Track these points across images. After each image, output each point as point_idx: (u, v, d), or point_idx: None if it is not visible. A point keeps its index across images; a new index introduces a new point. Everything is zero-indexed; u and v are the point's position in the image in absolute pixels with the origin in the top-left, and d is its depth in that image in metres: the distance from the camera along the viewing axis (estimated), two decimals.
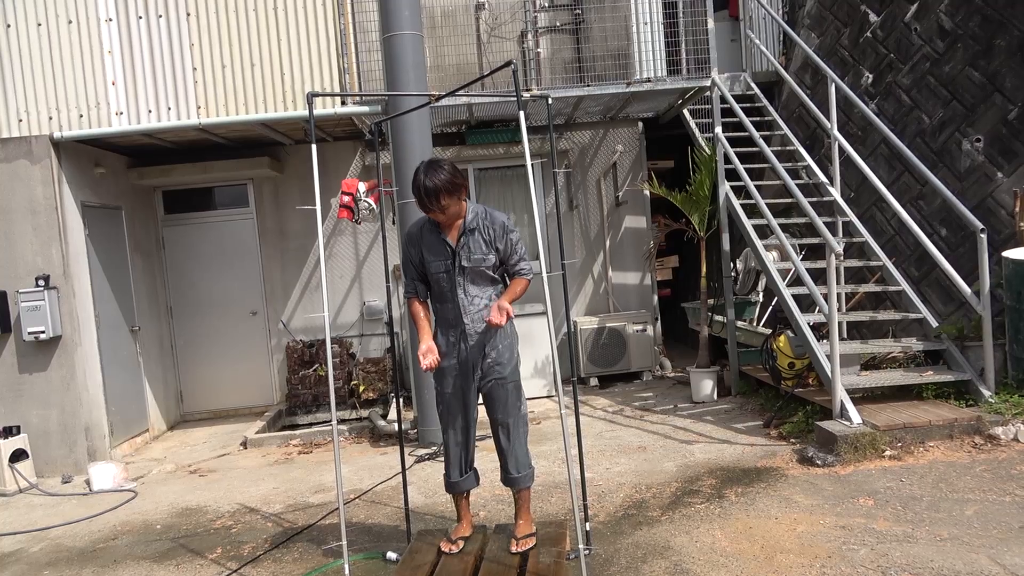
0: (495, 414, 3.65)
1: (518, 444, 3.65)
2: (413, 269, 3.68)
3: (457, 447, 3.68)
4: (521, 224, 8.77)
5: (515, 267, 3.63)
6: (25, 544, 4.93)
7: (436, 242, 3.58)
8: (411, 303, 3.71)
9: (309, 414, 8.02)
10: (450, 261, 3.56)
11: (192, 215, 8.46)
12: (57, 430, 6.54)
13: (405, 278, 3.72)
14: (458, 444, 3.68)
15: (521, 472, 3.66)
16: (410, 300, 3.71)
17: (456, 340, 3.59)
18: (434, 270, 3.59)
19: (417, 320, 3.66)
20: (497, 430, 3.67)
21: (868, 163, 6.57)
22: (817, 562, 3.51)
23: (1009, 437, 4.86)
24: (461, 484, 3.74)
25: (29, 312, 6.34)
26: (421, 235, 3.63)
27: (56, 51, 6.61)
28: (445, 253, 3.56)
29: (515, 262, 3.62)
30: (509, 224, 3.61)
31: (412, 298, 3.70)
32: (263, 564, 4.19)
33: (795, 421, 5.61)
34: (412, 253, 3.65)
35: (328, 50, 6.81)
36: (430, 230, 3.61)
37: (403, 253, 3.75)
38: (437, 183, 3.39)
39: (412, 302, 3.70)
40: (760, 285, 7.66)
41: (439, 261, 3.57)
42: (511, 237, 3.58)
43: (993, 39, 6.05)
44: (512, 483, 3.70)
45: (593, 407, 7.18)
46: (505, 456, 3.67)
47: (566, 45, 8.36)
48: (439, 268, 3.57)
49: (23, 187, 6.49)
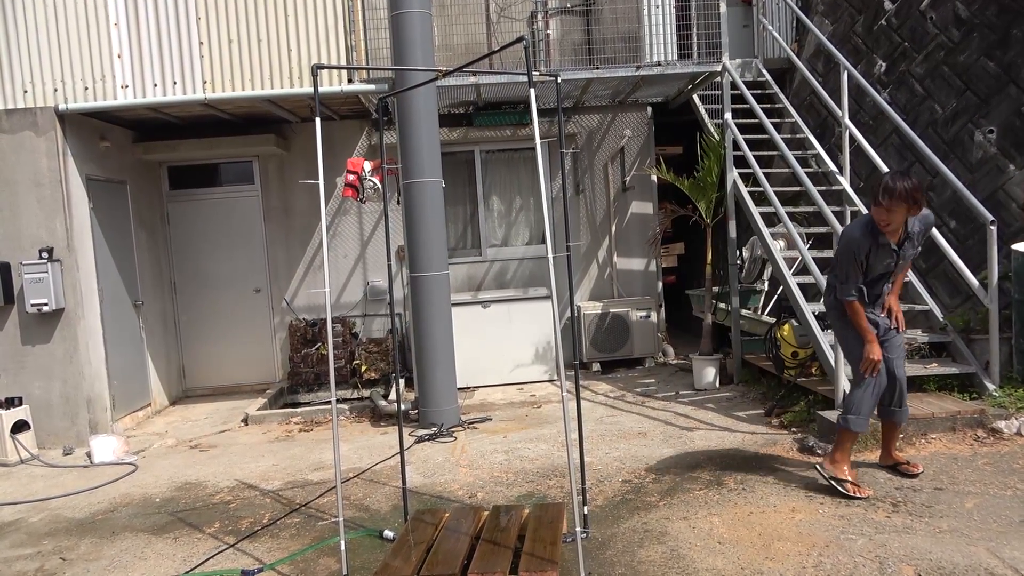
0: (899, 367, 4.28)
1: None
2: (857, 274, 4.08)
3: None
4: (527, 207, 8.73)
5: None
6: (25, 514, 4.96)
7: (883, 246, 4.02)
8: (855, 305, 4.11)
9: (311, 392, 8.04)
10: (892, 262, 4.08)
11: (197, 191, 8.44)
12: (59, 402, 6.56)
13: (848, 283, 4.09)
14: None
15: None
16: (854, 303, 4.11)
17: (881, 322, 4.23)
18: (878, 271, 4.09)
19: (866, 322, 4.13)
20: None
21: (879, 153, 6.50)
22: (815, 551, 3.50)
23: (1012, 431, 4.83)
24: (862, 425, 4.22)
25: (32, 284, 6.35)
26: (870, 241, 4.02)
27: (62, 22, 6.56)
28: (890, 255, 4.06)
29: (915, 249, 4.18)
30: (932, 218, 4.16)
31: (856, 301, 4.11)
32: (260, 539, 4.21)
33: (797, 410, 5.59)
34: (860, 259, 4.04)
35: (336, 27, 6.75)
36: (875, 235, 4.01)
37: (848, 259, 4.06)
38: (901, 188, 3.84)
39: (856, 304, 4.11)
40: (765, 274, 7.61)
41: (884, 263, 4.07)
42: (929, 232, 4.19)
43: (1010, 29, 5.95)
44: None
45: (595, 392, 7.18)
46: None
47: (576, 27, 8.28)
48: (880, 269, 4.09)
49: (28, 159, 6.47)
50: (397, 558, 3.43)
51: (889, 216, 3.90)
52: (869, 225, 4.03)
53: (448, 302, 6.46)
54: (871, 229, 4.01)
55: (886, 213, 3.90)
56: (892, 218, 3.90)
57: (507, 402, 7.07)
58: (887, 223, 3.93)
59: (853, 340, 4.22)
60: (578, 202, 8.67)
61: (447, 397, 6.37)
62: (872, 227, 4.01)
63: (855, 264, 4.04)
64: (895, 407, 4.33)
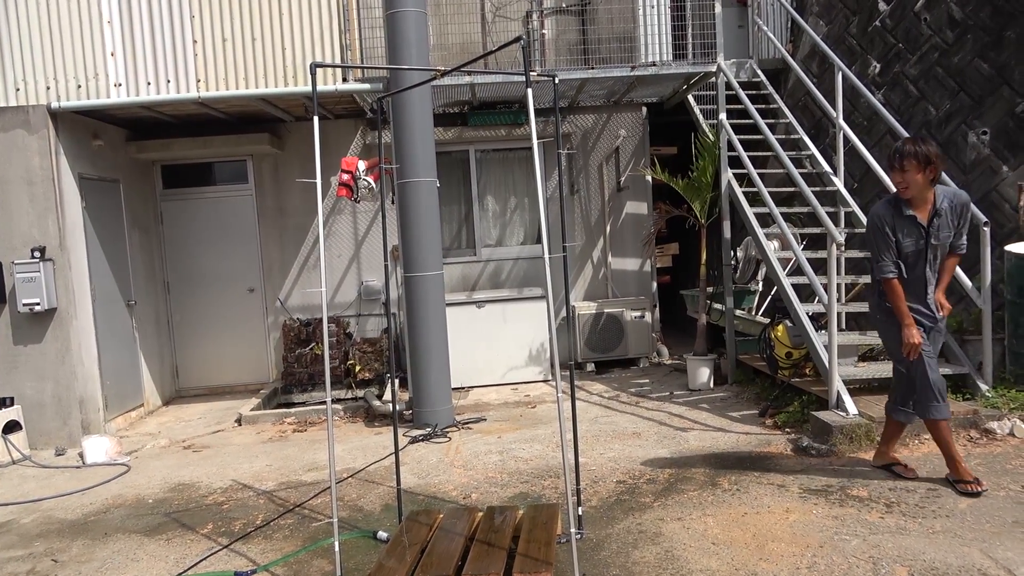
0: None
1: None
2: (889, 249, 4.01)
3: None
4: (522, 207, 8.73)
5: (959, 243, 4.10)
6: (17, 515, 4.93)
7: (907, 218, 3.98)
8: (894, 284, 4.01)
9: (304, 392, 8.02)
10: (922, 240, 3.99)
11: (191, 190, 8.41)
12: (51, 402, 6.53)
13: (883, 260, 4.02)
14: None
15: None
16: (892, 282, 4.01)
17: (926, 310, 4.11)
18: (908, 247, 4.00)
19: (905, 304, 4.01)
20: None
21: (873, 153, 6.51)
22: (808, 551, 3.51)
23: (1005, 432, 4.85)
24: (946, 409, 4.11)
25: (24, 284, 6.31)
26: (892, 211, 4.00)
27: (55, 20, 6.52)
28: (918, 231, 3.99)
29: (961, 238, 4.08)
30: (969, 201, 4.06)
31: (895, 280, 4.01)
32: (254, 540, 4.19)
33: (791, 411, 5.60)
34: (886, 231, 4.00)
35: (330, 26, 6.73)
36: (898, 207, 4.00)
37: (876, 233, 4.04)
38: (911, 148, 3.88)
39: (895, 284, 4.01)
40: (760, 274, 7.62)
41: (913, 238, 3.99)
42: (968, 215, 4.06)
43: (1003, 31, 5.97)
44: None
45: (589, 392, 7.17)
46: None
47: (571, 27, 8.28)
48: (910, 246, 4.00)
49: (20, 157, 6.43)
50: (391, 559, 3.42)
51: (904, 177, 3.93)
52: (892, 198, 4.08)
53: (443, 302, 6.45)
54: (894, 201, 4.05)
55: (900, 175, 3.95)
56: (907, 179, 3.92)
57: (501, 402, 7.06)
58: (904, 185, 3.95)
59: (897, 335, 4.07)
60: (573, 202, 8.66)
61: (441, 397, 6.36)
62: (895, 200, 4.05)
63: (884, 238, 4.01)
64: (910, 409, 4.24)
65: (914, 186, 3.94)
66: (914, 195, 3.97)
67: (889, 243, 4.02)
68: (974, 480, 4.04)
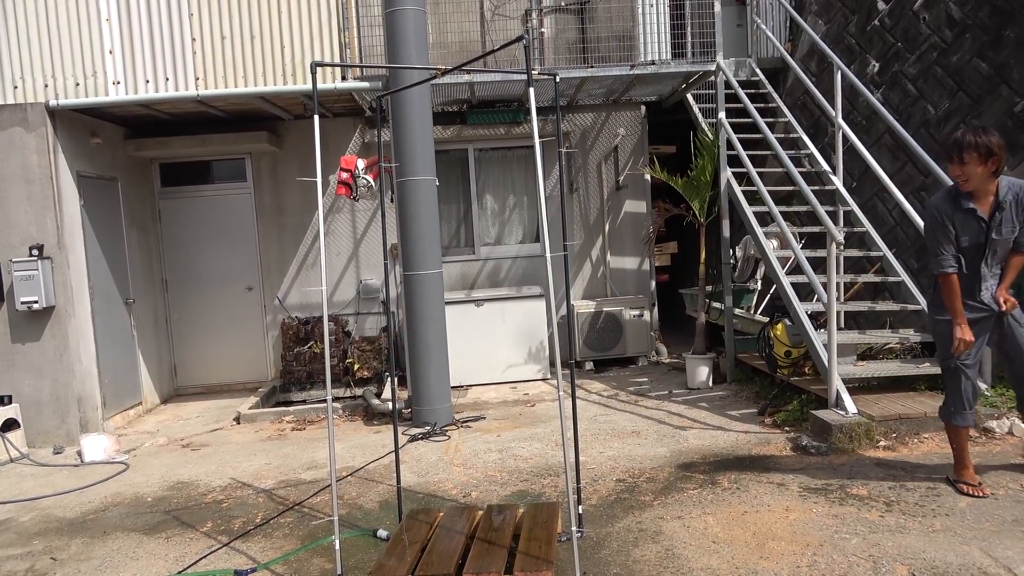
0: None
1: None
2: (948, 242, 3.83)
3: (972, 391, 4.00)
4: (520, 206, 8.72)
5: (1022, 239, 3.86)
6: (15, 513, 4.92)
7: (967, 211, 3.79)
8: (951, 281, 3.85)
9: (303, 391, 8.01)
10: (982, 234, 3.79)
11: (189, 188, 8.39)
12: (49, 400, 6.51)
13: (943, 254, 3.85)
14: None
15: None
16: (950, 278, 3.85)
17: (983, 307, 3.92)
18: (966, 241, 3.81)
19: (960, 304, 3.86)
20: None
21: (871, 153, 6.52)
22: (808, 550, 3.51)
23: (1004, 431, 4.86)
24: (970, 417, 4.05)
25: (22, 282, 6.30)
26: (951, 204, 3.83)
27: (53, 17, 6.51)
28: (978, 224, 3.79)
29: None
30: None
31: (953, 276, 3.85)
32: (253, 539, 4.18)
33: (790, 409, 5.60)
34: (945, 223, 3.82)
35: (329, 24, 6.72)
36: (957, 199, 3.82)
37: (934, 225, 3.88)
38: (971, 139, 3.67)
39: (952, 280, 3.85)
40: (759, 273, 7.63)
41: (972, 232, 3.80)
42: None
43: (1002, 30, 5.98)
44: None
45: (588, 391, 7.17)
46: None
47: (570, 25, 8.27)
48: (969, 239, 3.81)
49: (18, 155, 6.41)
50: (391, 558, 3.42)
51: (964, 170, 3.75)
52: (951, 190, 3.90)
53: (442, 301, 6.44)
54: (953, 193, 3.88)
55: (959, 167, 3.76)
56: (967, 171, 3.74)
57: (500, 401, 7.06)
58: (964, 179, 3.77)
59: (945, 332, 3.95)
60: (572, 201, 8.66)
61: (440, 396, 6.36)
62: (954, 191, 3.87)
63: (943, 231, 3.84)
64: (968, 409, 4.05)
65: (975, 179, 3.74)
66: (975, 187, 3.77)
67: (949, 236, 3.83)
68: (978, 484, 4.03)
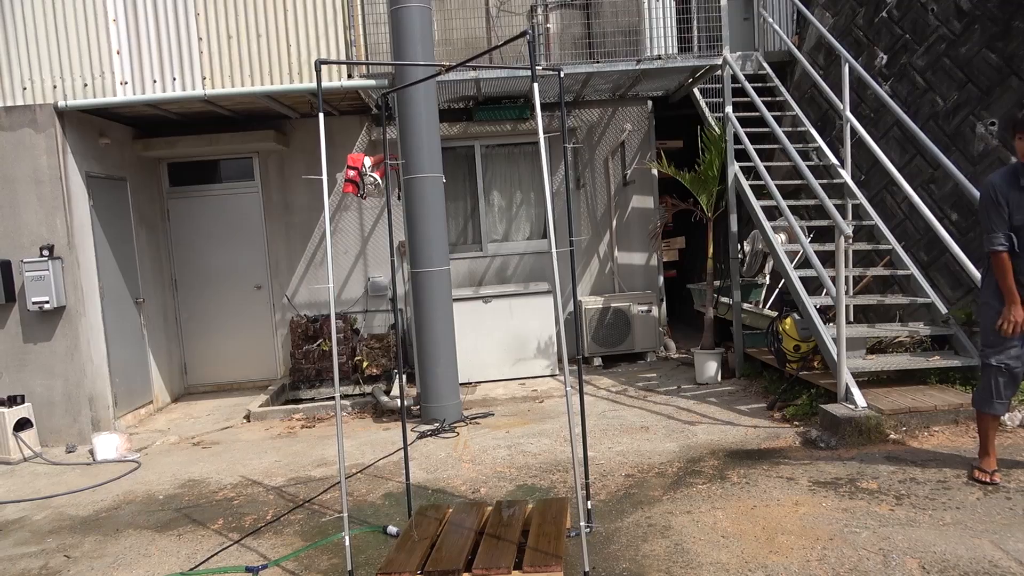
0: None
1: None
2: (1000, 220, 3.75)
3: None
4: (527, 202, 8.72)
5: None
6: (29, 512, 4.96)
7: (1021, 194, 3.73)
8: (1003, 259, 3.78)
9: (312, 388, 8.04)
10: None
11: (197, 188, 8.42)
12: (61, 400, 6.56)
13: (994, 231, 3.78)
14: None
15: None
16: (1001, 256, 3.78)
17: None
18: (1018, 220, 3.73)
19: (1012, 281, 3.77)
20: None
21: (880, 145, 6.49)
22: (819, 544, 3.50)
23: (1015, 423, 4.83)
24: (1002, 408, 4.03)
25: (33, 282, 6.34)
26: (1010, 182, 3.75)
27: (60, 19, 6.54)
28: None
29: None
30: None
31: (1005, 255, 3.77)
32: (264, 536, 4.21)
33: (799, 404, 5.59)
34: (999, 201, 3.74)
35: (335, 22, 6.73)
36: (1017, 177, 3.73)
37: (988, 202, 3.81)
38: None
39: (1004, 259, 3.77)
40: (767, 267, 7.61)
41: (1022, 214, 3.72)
42: None
43: (1011, 20, 5.93)
44: None
45: (596, 387, 7.17)
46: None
47: (576, 21, 8.25)
48: (1021, 220, 3.72)
49: (27, 156, 6.45)
50: (401, 553, 3.43)
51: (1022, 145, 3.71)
52: (1012, 167, 3.85)
53: (449, 298, 6.45)
54: (1013, 170, 3.82)
55: (1021, 141, 3.73)
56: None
57: (509, 397, 7.07)
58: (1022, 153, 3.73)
59: (991, 315, 3.90)
60: (579, 197, 8.66)
61: (449, 392, 6.37)
62: (1015, 169, 3.82)
63: (996, 208, 3.78)
64: (1005, 399, 4.03)
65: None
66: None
67: (1002, 214, 3.78)
68: (992, 472, 4.03)
